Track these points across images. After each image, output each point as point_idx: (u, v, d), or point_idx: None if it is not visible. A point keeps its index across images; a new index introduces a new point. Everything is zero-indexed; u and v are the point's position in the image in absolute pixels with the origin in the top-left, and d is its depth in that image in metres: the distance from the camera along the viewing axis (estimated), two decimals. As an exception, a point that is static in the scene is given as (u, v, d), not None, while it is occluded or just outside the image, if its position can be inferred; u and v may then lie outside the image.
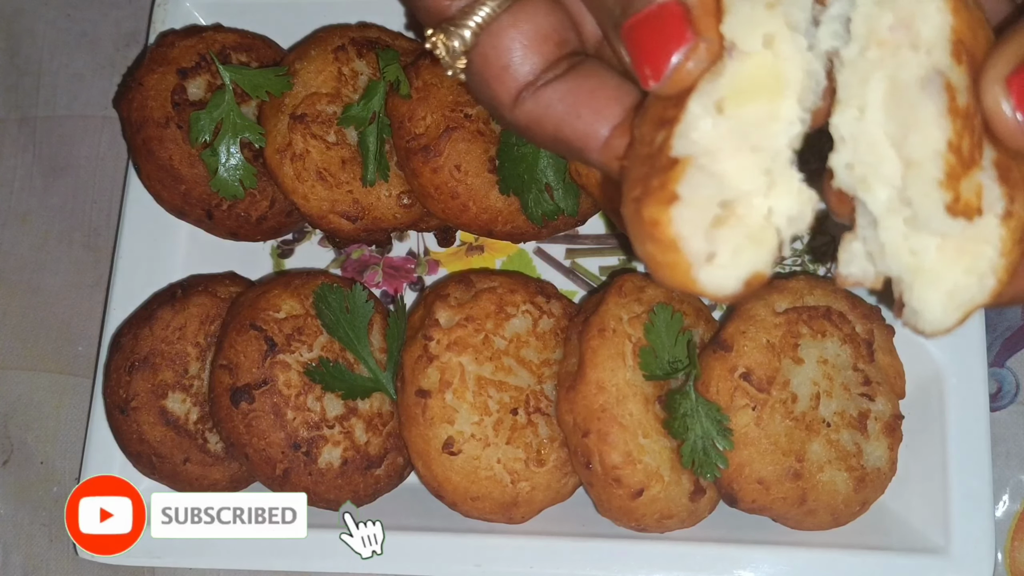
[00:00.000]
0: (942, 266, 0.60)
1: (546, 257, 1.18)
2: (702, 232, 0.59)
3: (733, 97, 0.58)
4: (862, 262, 0.63)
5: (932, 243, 0.59)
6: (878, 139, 0.59)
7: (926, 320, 0.61)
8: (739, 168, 0.59)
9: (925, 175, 0.57)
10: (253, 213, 1.12)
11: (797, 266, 1.15)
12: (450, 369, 0.97)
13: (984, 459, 0.99)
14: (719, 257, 0.59)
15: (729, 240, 0.59)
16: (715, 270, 0.59)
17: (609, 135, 0.65)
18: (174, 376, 1.04)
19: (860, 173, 0.60)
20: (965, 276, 0.59)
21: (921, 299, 0.60)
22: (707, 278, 0.59)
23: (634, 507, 0.94)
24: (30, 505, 1.20)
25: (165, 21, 1.20)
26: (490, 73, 0.65)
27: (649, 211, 0.58)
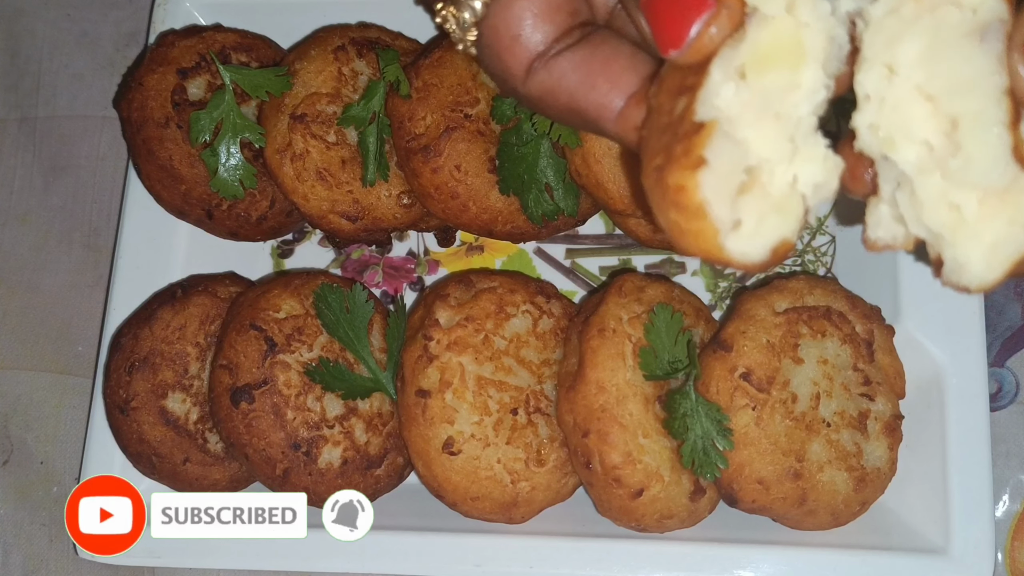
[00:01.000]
0: (984, 218, 0.58)
1: (546, 257, 1.18)
2: (728, 199, 0.57)
3: (755, 64, 0.58)
4: (890, 225, 0.63)
5: (973, 196, 0.58)
6: (910, 96, 0.58)
7: (970, 274, 0.60)
8: (762, 135, 0.58)
9: (988, 121, 0.56)
10: (253, 213, 1.12)
11: (797, 266, 1.15)
12: (450, 369, 0.97)
13: (984, 459, 0.99)
14: (745, 225, 0.58)
15: (754, 208, 0.58)
16: (741, 238, 0.58)
17: (625, 105, 0.64)
18: (174, 376, 1.04)
19: (886, 133, 0.59)
20: (1009, 227, 0.58)
21: (964, 253, 0.59)
22: (734, 245, 0.58)
23: (634, 507, 0.94)
24: (30, 505, 1.20)
25: (165, 21, 1.20)
26: (501, 44, 0.65)
27: (674, 177, 0.57)
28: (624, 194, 1.00)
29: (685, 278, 1.16)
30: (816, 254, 1.15)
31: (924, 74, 0.57)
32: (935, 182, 0.59)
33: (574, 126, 0.70)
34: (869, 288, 1.06)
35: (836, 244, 1.15)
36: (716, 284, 1.15)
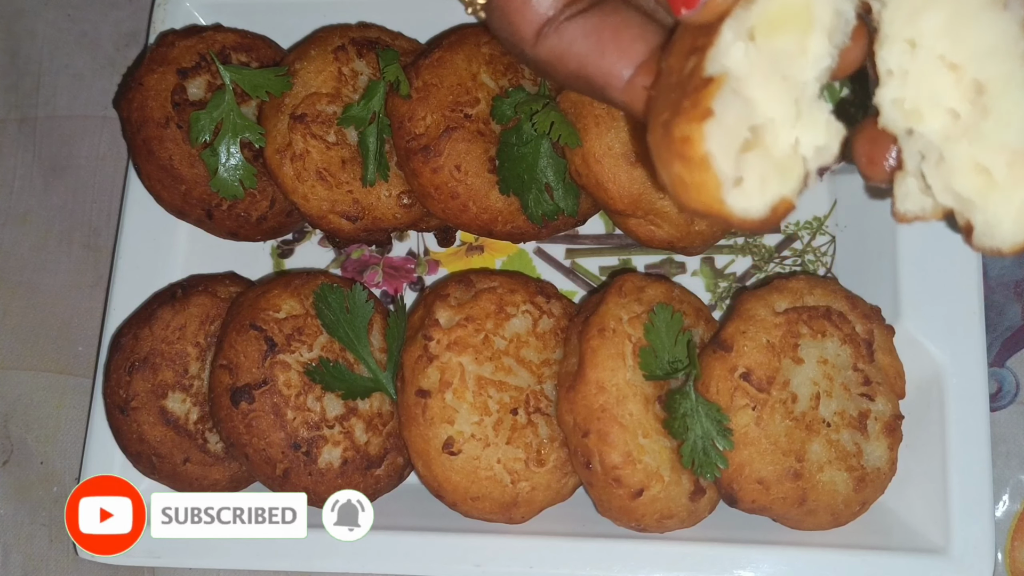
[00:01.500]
0: (1014, 180, 0.60)
1: (546, 257, 1.18)
2: (732, 154, 0.58)
3: (764, 26, 0.59)
4: (918, 197, 0.64)
5: (1001, 159, 0.59)
6: (934, 67, 0.59)
7: (1001, 236, 0.61)
8: (769, 95, 0.60)
9: (1017, 81, 0.58)
10: (253, 213, 1.12)
11: (797, 266, 1.15)
12: (450, 369, 0.97)
13: (984, 459, 0.99)
14: (747, 182, 0.59)
15: (757, 166, 0.59)
16: (743, 194, 0.59)
17: (633, 74, 0.65)
18: (174, 376, 1.04)
19: (912, 105, 0.60)
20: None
21: (996, 215, 0.60)
22: (735, 201, 0.59)
23: (634, 507, 0.94)
24: (30, 505, 1.20)
25: (165, 21, 1.20)
26: (511, 7, 0.65)
27: (681, 128, 0.58)
28: (624, 194, 1.00)
29: (685, 278, 1.16)
30: (816, 254, 1.15)
31: (948, 44, 0.58)
32: (963, 148, 0.60)
33: (581, 92, 0.71)
34: (869, 288, 1.06)
35: (836, 244, 1.15)
36: (716, 284, 1.15)
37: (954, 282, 1.03)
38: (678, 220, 1.02)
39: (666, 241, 1.05)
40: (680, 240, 1.05)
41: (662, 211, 1.01)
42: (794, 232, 1.16)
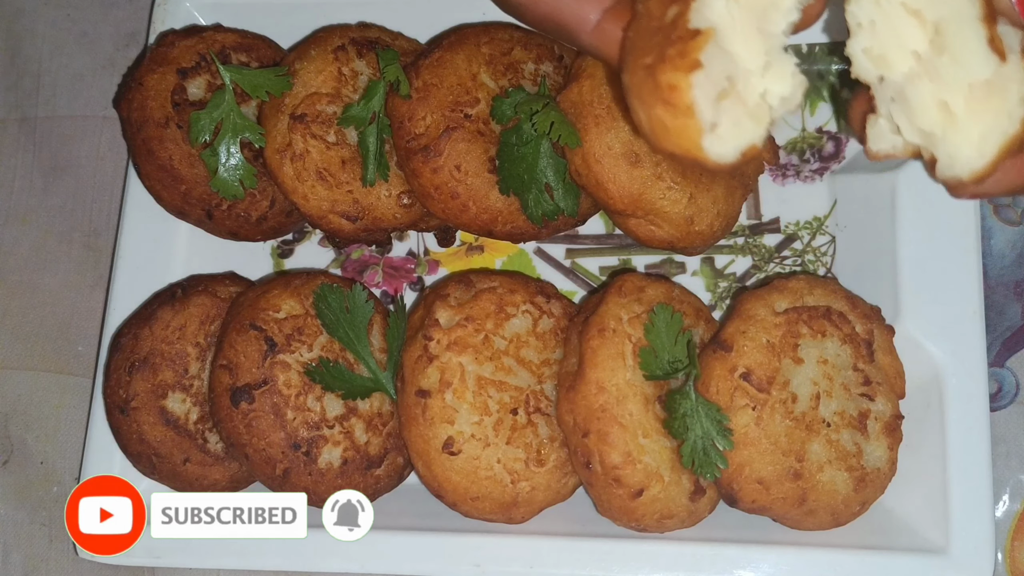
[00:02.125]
0: (972, 113, 0.65)
1: (546, 257, 1.18)
2: (711, 103, 0.63)
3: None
4: (889, 137, 0.69)
5: (960, 95, 0.65)
6: (897, 15, 0.65)
7: (962, 165, 0.66)
8: (747, 46, 0.65)
9: (966, 18, 0.64)
10: (253, 213, 1.12)
11: (797, 266, 1.15)
12: (450, 369, 0.97)
13: (984, 459, 0.99)
14: (721, 127, 0.64)
15: (731, 113, 0.64)
16: (717, 139, 0.64)
17: (601, 19, 0.71)
18: (174, 376, 1.04)
19: (880, 51, 0.66)
20: (995, 115, 0.64)
21: (956, 146, 0.65)
22: (710, 145, 0.64)
23: (634, 507, 0.94)
24: (30, 505, 1.20)
25: (165, 21, 1.20)
26: None
27: (667, 76, 0.62)
28: (624, 194, 1.00)
29: (685, 278, 1.16)
30: (816, 254, 1.15)
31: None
32: (925, 87, 0.65)
33: (552, 35, 0.76)
34: (869, 288, 1.06)
35: (836, 244, 1.15)
36: (716, 284, 1.15)
37: (954, 282, 1.03)
38: (678, 220, 1.02)
39: (666, 241, 1.05)
40: (680, 240, 1.05)
41: (662, 211, 1.01)
42: (794, 232, 1.16)
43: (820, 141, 1.17)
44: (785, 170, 1.17)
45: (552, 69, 1.11)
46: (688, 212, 1.02)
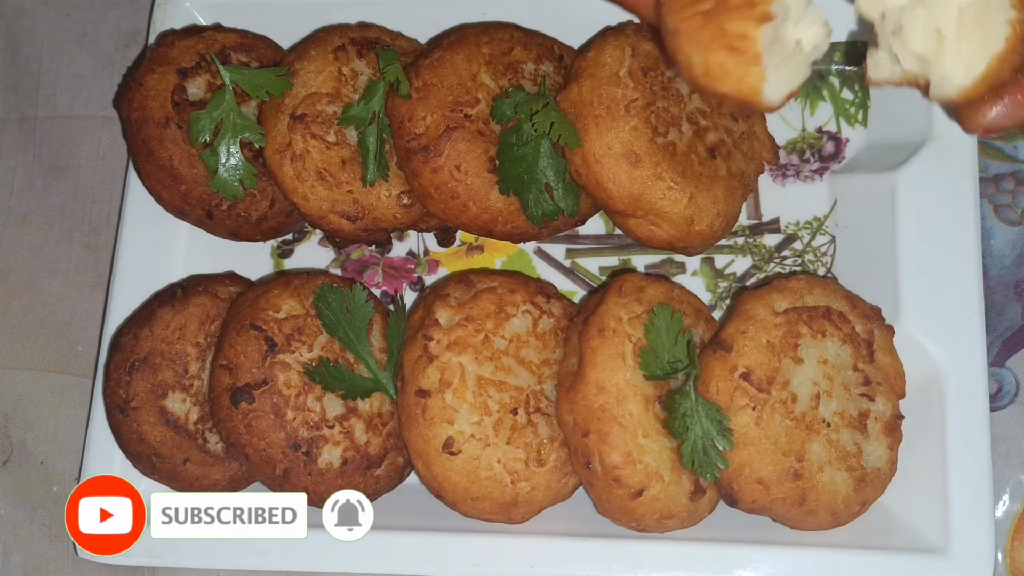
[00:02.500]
0: (962, 34, 0.71)
1: (546, 257, 1.18)
2: (773, 45, 0.72)
3: None
4: (887, 65, 0.75)
5: (951, 19, 0.71)
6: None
7: (950, 83, 0.72)
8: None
9: None
10: (253, 213, 1.12)
11: (797, 266, 1.15)
12: (450, 369, 0.97)
13: (984, 459, 0.99)
14: (780, 64, 0.73)
15: (775, 58, 0.72)
16: (776, 79, 0.73)
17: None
18: (174, 376, 1.04)
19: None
20: (982, 36, 0.71)
21: (947, 67, 0.72)
22: (769, 87, 0.73)
23: (634, 507, 0.94)
24: (30, 505, 1.20)
25: (165, 21, 1.20)
26: None
27: (737, 25, 0.70)
28: (624, 194, 1.00)
29: (685, 278, 1.16)
30: (816, 254, 1.15)
31: None
32: (920, 15, 0.71)
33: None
34: (869, 288, 1.06)
35: (836, 244, 1.15)
36: (716, 284, 1.16)
37: (954, 282, 1.03)
38: (678, 220, 1.02)
39: (666, 241, 1.05)
40: (680, 240, 1.05)
41: (662, 211, 1.01)
42: (794, 232, 1.16)
43: (820, 141, 1.17)
44: (785, 170, 1.17)
45: (552, 69, 1.11)
46: (688, 212, 1.02)
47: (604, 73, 1.00)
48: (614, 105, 0.99)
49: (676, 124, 1.02)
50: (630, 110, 0.99)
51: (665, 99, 1.02)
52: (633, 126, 0.99)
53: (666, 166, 1.00)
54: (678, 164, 1.01)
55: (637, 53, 1.01)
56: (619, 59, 1.01)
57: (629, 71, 1.00)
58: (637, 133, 0.99)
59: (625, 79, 1.00)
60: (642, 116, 0.99)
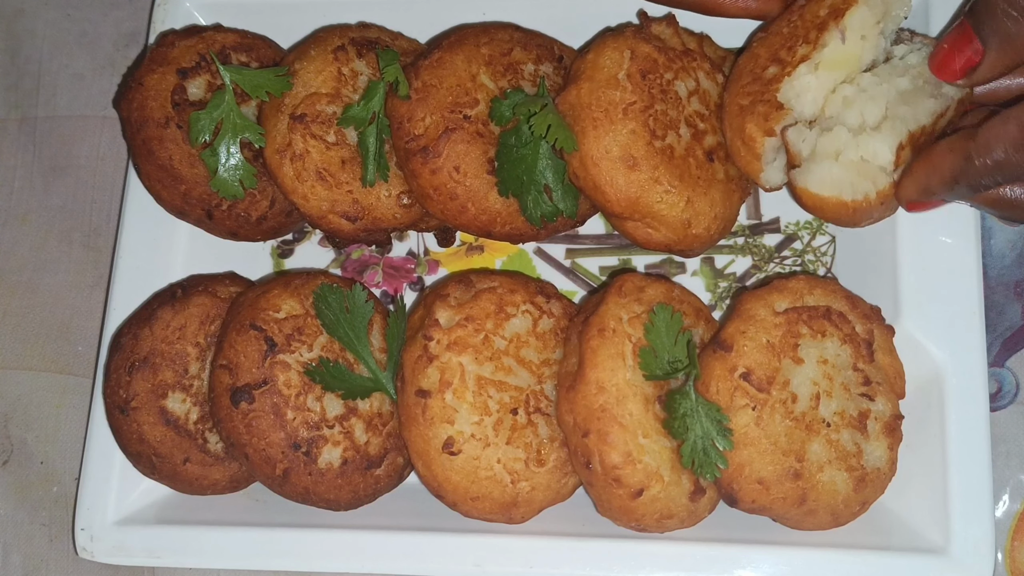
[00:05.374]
0: (844, 167, 0.95)
1: (546, 257, 1.18)
2: (776, 151, 0.98)
3: (826, 63, 0.97)
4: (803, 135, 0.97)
5: (850, 153, 0.95)
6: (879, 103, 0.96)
7: (805, 181, 0.98)
8: (812, 111, 0.97)
9: (905, 123, 0.96)
10: (253, 213, 1.12)
11: (797, 266, 1.15)
12: (450, 369, 0.97)
13: (984, 459, 0.99)
14: (778, 162, 0.99)
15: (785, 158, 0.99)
16: (772, 170, 1.00)
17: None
18: (174, 376, 1.04)
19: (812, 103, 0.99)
20: (855, 178, 0.96)
21: (812, 169, 0.97)
22: (766, 176, 1.00)
23: (634, 507, 0.94)
24: (30, 505, 1.20)
25: (165, 21, 1.20)
26: None
27: (750, 128, 0.97)
28: (621, 197, 1.00)
29: (685, 278, 1.16)
30: (816, 254, 1.15)
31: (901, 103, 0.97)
32: (839, 137, 0.96)
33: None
34: (869, 288, 1.06)
35: (836, 244, 1.15)
36: (716, 284, 1.15)
37: (954, 282, 1.03)
38: (675, 224, 1.02)
39: (663, 244, 1.05)
40: (677, 243, 1.05)
41: (659, 214, 1.01)
42: (794, 232, 1.16)
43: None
44: (785, 170, 1.17)
45: (552, 70, 1.11)
46: (685, 215, 1.02)
47: (602, 76, 1.00)
48: (612, 108, 0.99)
49: (674, 127, 1.02)
50: (628, 113, 0.99)
51: (663, 102, 1.01)
52: (631, 129, 0.99)
53: (664, 169, 1.00)
54: (676, 167, 1.01)
55: (636, 56, 1.01)
56: (618, 62, 1.01)
57: (628, 74, 1.00)
58: (635, 136, 0.99)
59: (623, 82, 1.00)
60: (640, 119, 0.99)
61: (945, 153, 0.92)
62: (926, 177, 0.94)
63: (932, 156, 0.94)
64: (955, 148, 0.91)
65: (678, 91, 1.03)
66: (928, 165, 0.94)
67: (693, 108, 1.04)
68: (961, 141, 0.90)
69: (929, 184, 0.94)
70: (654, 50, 1.02)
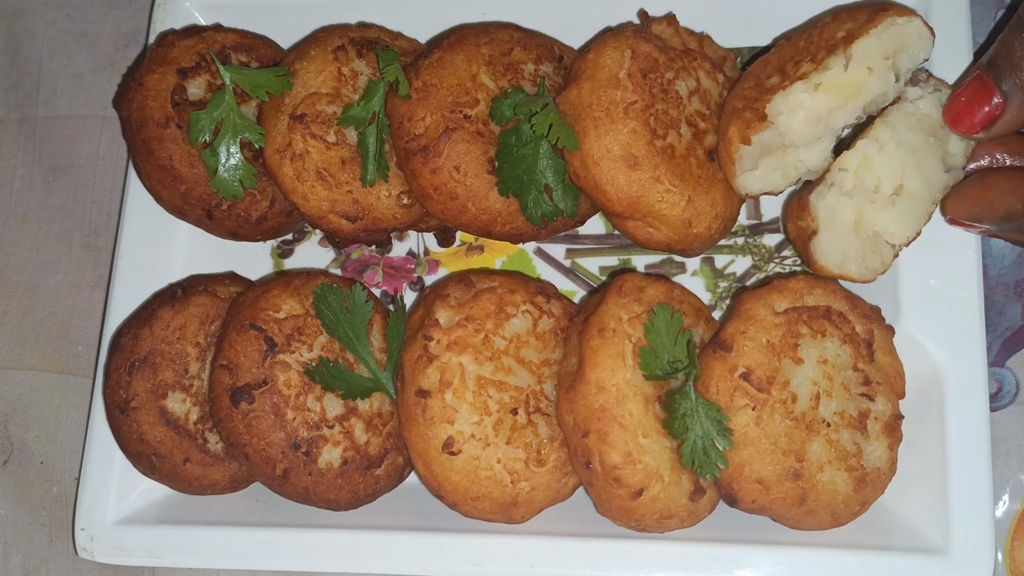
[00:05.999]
0: (854, 239, 0.99)
1: (546, 257, 1.18)
2: (756, 158, 0.98)
3: (826, 87, 0.96)
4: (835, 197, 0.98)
5: (873, 219, 0.98)
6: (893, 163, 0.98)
7: (821, 254, 1.00)
8: (802, 130, 0.97)
9: (924, 200, 1.00)
10: (253, 213, 1.12)
11: (797, 266, 1.15)
12: (450, 369, 0.97)
13: (984, 459, 0.99)
14: (759, 172, 0.99)
15: (770, 166, 0.99)
16: (752, 177, 1.00)
17: None
18: (174, 376, 1.04)
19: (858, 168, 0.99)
20: (861, 256, 0.99)
21: (834, 243, 0.99)
22: (743, 181, 1.00)
23: (634, 507, 0.94)
24: (30, 505, 1.20)
25: (165, 21, 1.20)
26: None
27: (731, 133, 0.98)
28: (622, 197, 1.00)
29: (685, 278, 1.16)
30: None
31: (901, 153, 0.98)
32: (858, 204, 0.98)
33: None
34: (869, 288, 1.06)
35: (836, 244, 1.15)
36: (716, 284, 1.15)
37: (954, 282, 1.03)
38: (676, 223, 1.02)
39: (664, 243, 1.05)
40: (678, 243, 1.05)
41: (660, 213, 1.01)
42: (794, 232, 1.16)
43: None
44: (785, 170, 1.17)
45: (552, 70, 1.11)
46: (686, 215, 1.02)
47: (603, 75, 1.00)
48: (613, 107, 0.99)
49: (675, 127, 1.02)
50: (629, 112, 0.99)
51: (664, 101, 1.01)
52: (632, 128, 0.99)
53: (664, 169, 1.00)
54: (676, 167, 1.01)
55: (636, 55, 1.01)
56: (618, 61, 1.01)
57: (628, 73, 1.00)
58: (636, 135, 0.99)
59: (624, 81, 1.00)
60: (641, 118, 0.99)
61: (1005, 193, 0.94)
62: (979, 208, 0.96)
63: (990, 190, 0.95)
64: (1016, 191, 0.93)
65: (679, 90, 1.03)
66: (985, 198, 0.95)
67: (694, 107, 1.04)
68: (1022, 184, 0.93)
69: (981, 215, 0.96)
70: (655, 49, 1.02)
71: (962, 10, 1.08)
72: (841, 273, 0.99)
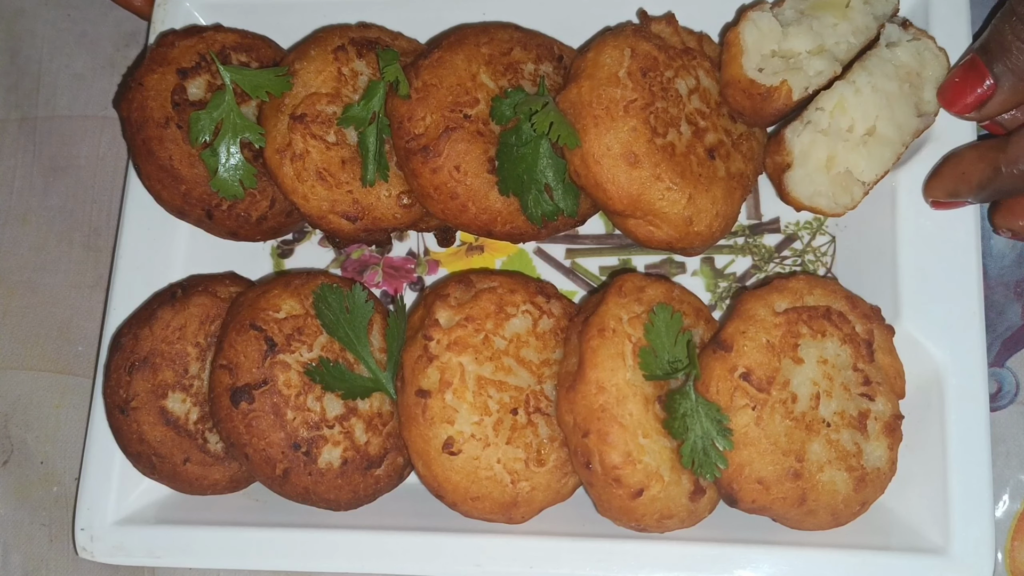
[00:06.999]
0: (825, 176, 1.02)
1: (546, 257, 1.18)
2: (760, 47, 1.03)
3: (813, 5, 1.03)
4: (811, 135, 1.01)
5: (844, 156, 1.01)
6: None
7: (793, 187, 1.03)
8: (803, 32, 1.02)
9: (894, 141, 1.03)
10: (253, 213, 1.12)
11: (797, 266, 1.15)
12: (450, 369, 0.97)
13: (984, 459, 0.99)
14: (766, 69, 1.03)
15: (776, 65, 1.03)
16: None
17: None
18: (174, 376, 1.04)
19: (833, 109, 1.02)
20: (831, 191, 1.03)
21: (806, 178, 1.02)
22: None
23: (634, 507, 0.94)
24: (30, 505, 1.20)
25: (165, 21, 1.20)
26: None
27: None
28: (623, 195, 1.00)
29: (685, 278, 1.16)
30: (816, 254, 1.15)
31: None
32: (830, 141, 1.01)
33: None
34: (869, 288, 1.06)
35: (836, 244, 1.15)
36: (716, 284, 1.15)
37: (954, 282, 1.03)
38: (677, 221, 1.02)
39: (664, 242, 1.05)
40: (679, 241, 1.05)
41: (661, 211, 1.01)
42: (794, 232, 1.16)
43: (820, 141, 1.17)
44: (785, 170, 1.17)
45: (552, 69, 1.11)
46: (687, 213, 1.02)
47: (603, 74, 1.00)
48: (613, 106, 0.99)
49: (675, 125, 1.02)
50: (629, 111, 0.99)
51: (664, 100, 1.02)
52: (632, 127, 0.99)
53: (665, 167, 1.00)
54: (677, 165, 1.01)
55: (636, 54, 1.01)
56: (618, 60, 1.01)
57: (628, 72, 1.00)
58: (636, 134, 0.99)
59: (624, 80, 1.00)
60: (641, 117, 0.99)
61: (975, 162, 0.97)
62: (954, 183, 1.00)
63: (962, 163, 0.99)
64: (985, 158, 0.96)
65: (678, 89, 1.03)
66: (957, 172, 0.99)
67: (694, 106, 1.04)
68: (991, 152, 0.95)
69: (957, 189, 0.99)
70: (654, 48, 1.02)
71: (962, 10, 1.08)
72: (811, 206, 1.03)
